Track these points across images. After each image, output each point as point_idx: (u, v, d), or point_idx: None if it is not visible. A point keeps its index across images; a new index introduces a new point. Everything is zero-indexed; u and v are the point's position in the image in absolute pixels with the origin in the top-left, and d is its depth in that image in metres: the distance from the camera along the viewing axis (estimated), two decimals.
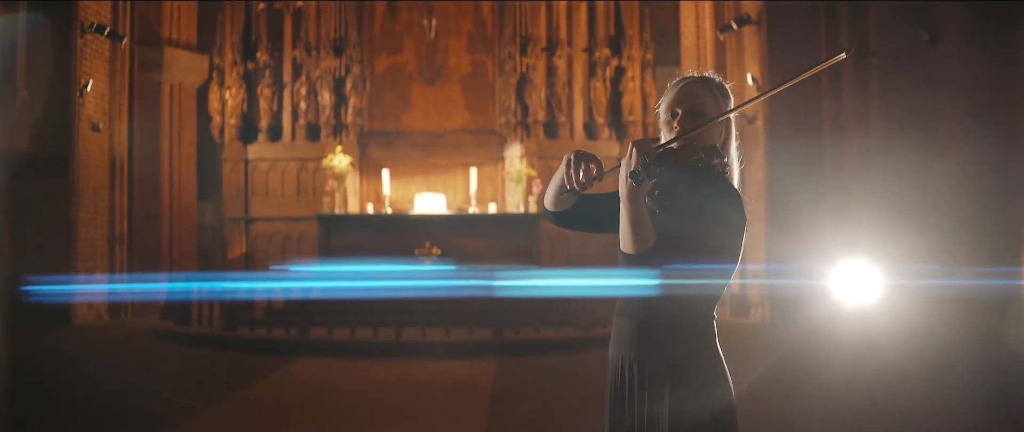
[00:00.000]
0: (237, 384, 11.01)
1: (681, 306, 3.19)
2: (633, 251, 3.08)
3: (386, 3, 20.98)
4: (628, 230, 3.06)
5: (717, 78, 3.41)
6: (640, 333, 3.23)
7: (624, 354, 3.27)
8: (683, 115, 3.29)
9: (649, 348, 3.20)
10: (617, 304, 3.34)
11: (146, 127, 20.83)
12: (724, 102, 3.35)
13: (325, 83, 20.09)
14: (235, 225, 20.39)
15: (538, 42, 20.12)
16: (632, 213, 3.03)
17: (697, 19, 19.70)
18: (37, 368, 11.84)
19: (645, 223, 3.04)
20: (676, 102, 3.33)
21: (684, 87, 3.34)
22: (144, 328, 15.77)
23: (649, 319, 3.22)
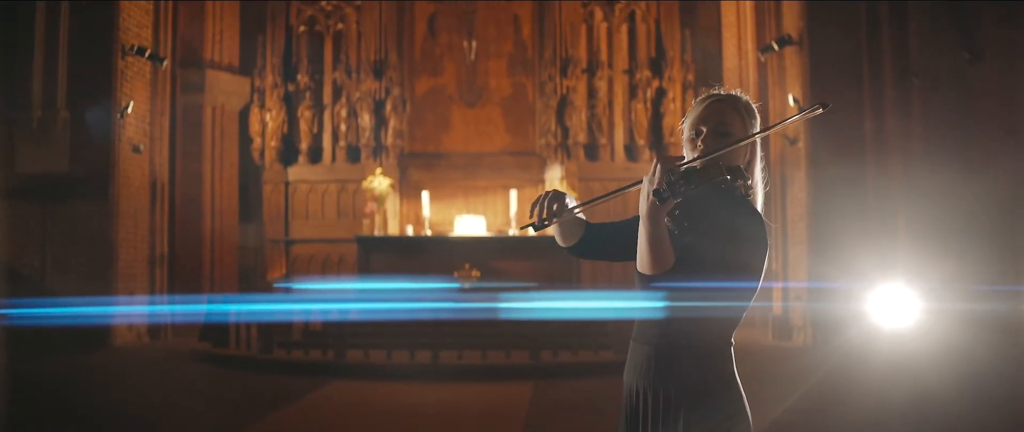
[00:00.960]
0: (270, 407, 10.95)
1: (698, 331, 3.08)
2: (651, 272, 2.96)
3: (426, 25, 20.97)
4: (646, 250, 2.94)
5: (744, 97, 3.33)
6: (655, 359, 3.13)
7: (638, 381, 3.17)
8: (708, 134, 3.20)
9: (663, 375, 3.10)
10: (634, 329, 3.24)
11: (188, 149, 20.93)
12: (750, 121, 3.26)
13: (365, 105, 20.08)
14: (275, 247, 20.39)
15: (579, 64, 20.04)
16: (651, 233, 2.91)
17: (739, 40, 19.59)
18: (73, 389, 11.84)
19: (664, 244, 2.93)
20: (701, 120, 3.24)
21: (709, 105, 3.26)
22: (183, 350, 15.78)
23: (665, 345, 3.12)
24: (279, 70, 20.46)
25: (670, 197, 2.86)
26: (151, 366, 14.39)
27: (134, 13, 17.18)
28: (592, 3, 20.40)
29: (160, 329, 17.83)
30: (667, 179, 2.86)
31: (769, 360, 14.40)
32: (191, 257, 20.75)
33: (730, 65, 20.08)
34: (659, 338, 3.13)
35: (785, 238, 16.92)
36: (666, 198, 2.86)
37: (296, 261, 20.16)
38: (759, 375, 12.83)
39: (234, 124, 21.94)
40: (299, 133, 20.45)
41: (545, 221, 3.22)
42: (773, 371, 13.15)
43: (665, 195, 2.86)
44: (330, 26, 20.69)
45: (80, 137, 16.32)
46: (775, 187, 17.48)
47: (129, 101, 16.61)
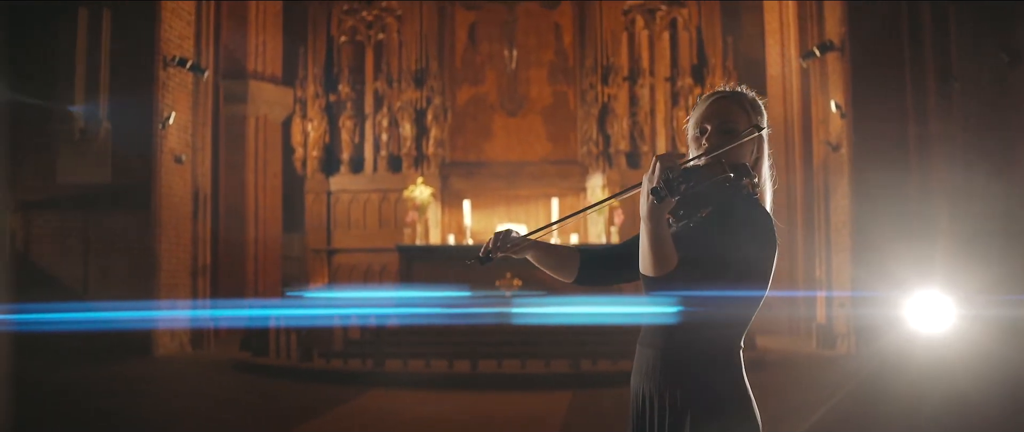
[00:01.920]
0: (306, 416, 10.91)
1: (705, 335, 2.98)
2: (654, 273, 2.85)
3: (467, 34, 20.96)
4: (648, 251, 2.83)
5: (750, 93, 3.20)
6: (661, 364, 3.02)
7: (645, 386, 3.07)
8: (712, 131, 3.10)
9: (670, 380, 3.00)
10: (640, 333, 3.14)
11: (231, 159, 21.06)
12: (756, 118, 3.15)
13: (406, 115, 20.10)
14: (317, 256, 20.44)
15: (620, 72, 19.94)
16: (653, 232, 2.81)
17: (782, 47, 19.44)
18: (109, 398, 11.88)
19: (666, 243, 2.81)
20: (705, 118, 3.14)
21: (714, 102, 3.15)
22: (224, 359, 15.82)
23: (671, 349, 3.01)
24: (320, 80, 20.52)
25: (668, 196, 2.75)
26: (190, 375, 14.42)
27: (176, 25, 17.28)
28: (633, 11, 20.31)
29: (203, 338, 17.89)
30: (665, 177, 2.75)
31: (806, 368, 14.24)
32: (235, 267, 20.85)
33: (773, 72, 19.92)
34: (665, 341, 3.03)
35: (828, 245, 16.72)
36: (664, 197, 2.75)
37: (338, 271, 20.19)
38: (794, 383, 12.69)
39: (277, 135, 22.05)
40: (341, 143, 20.50)
41: (490, 255, 3.19)
42: (808, 379, 13.01)
43: (663, 194, 2.75)
44: (371, 36, 20.74)
45: (122, 148, 16.41)
46: (818, 194, 17.30)
47: (170, 112, 16.69)
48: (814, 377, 13.24)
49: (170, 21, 17.06)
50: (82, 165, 16.34)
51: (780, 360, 14.95)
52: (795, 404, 10.45)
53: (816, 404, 9.92)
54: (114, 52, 16.40)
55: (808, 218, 18.01)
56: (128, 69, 16.45)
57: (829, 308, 16.65)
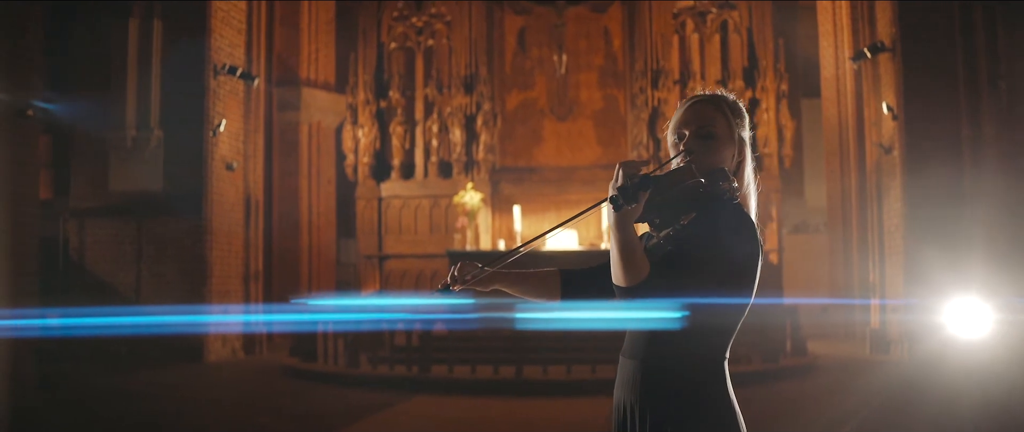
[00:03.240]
0: (348, 421, 10.94)
1: (686, 345, 2.91)
2: (624, 283, 2.79)
3: (516, 40, 20.95)
4: (617, 260, 2.77)
5: (730, 96, 3.16)
6: (642, 375, 2.97)
7: (625, 397, 3.02)
8: (690, 136, 3.06)
9: (650, 392, 2.94)
10: (624, 343, 3.09)
11: (285, 166, 21.20)
12: (736, 121, 3.10)
13: (456, 120, 20.09)
14: (369, 262, 20.49)
15: (670, 75, 19.79)
16: (620, 241, 2.74)
17: (836, 49, 19.23)
18: (154, 403, 11.98)
19: (635, 252, 2.75)
20: (683, 122, 3.11)
21: (692, 106, 3.12)
22: (274, 364, 15.91)
23: (652, 359, 2.96)
24: (371, 87, 20.57)
25: (624, 204, 2.69)
26: (238, 381, 14.53)
27: (226, 33, 17.42)
28: (684, 13, 20.16)
29: (255, 344, 18.00)
30: (622, 185, 2.69)
31: (854, 373, 14.06)
32: (289, 273, 20.97)
33: (827, 74, 19.71)
34: (645, 352, 2.98)
35: (882, 249, 16.51)
36: (621, 206, 2.69)
37: (389, 276, 20.23)
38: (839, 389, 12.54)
39: (330, 141, 22.17)
40: (391, 149, 20.53)
41: (450, 287, 3.15)
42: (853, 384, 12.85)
43: (619, 202, 2.69)
44: (421, 42, 20.77)
45: (173, 156, 16.58)
46: (871, 198, 17.08)
47: (221, 119, 16.83)
48: (859, 383, 13.08)
49: (220, 30, 17.21)
50: (134, 173, 16.55)
51: (830, 365, 14.81)
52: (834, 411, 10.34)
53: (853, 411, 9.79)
54: (165, 61, 16.59)
55: (862, 222, 17.79)
56: (179, 78, 16.63)
57: (882, 313, 16.44)
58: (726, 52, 20.10)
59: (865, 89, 17.19)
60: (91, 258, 16.65)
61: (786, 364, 14.55)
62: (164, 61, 16.59)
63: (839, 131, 19.01)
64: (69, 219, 16.91)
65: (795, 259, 21.53)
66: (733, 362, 10.26)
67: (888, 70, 15.83)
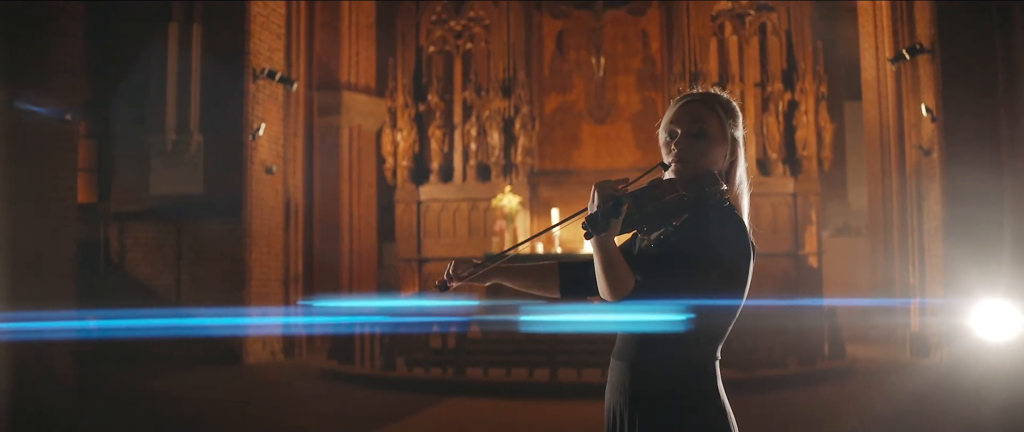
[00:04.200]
0: (380, 424, 10.98)
1: (675, 348, 2.88)
2: (611, 299, 2.81)
3: (554, 43, 20.95)
4: (601, 279, 2.79)
5: (723, 95, 3.13)
6: (631, 376, 2.95)
7: (616, 401, 3.00)
8: (682, 135, 3.03)
9: (639, 394, 2.93)
10: (615, 344, 3.08)
11: (326, 170, 21.30)
12: (730, 121, 3.07)
13: (494, 123, 20.10)
14: (408, 265, 20.55)
15: (709, 78, 19.67)
16: (602, 260, 2.76)
17: (877, 50, 19.07)
18: (189, 406, 12.07)
19: (617, 270, 2.76)
20: (675, 121, 3.07)
21: (684, 105, 3.08)
22: (312, 367, 15.99)
23: (641, 361, 2.94)
24: (410, 91, 20.63)
25: (594, 233, 2.68)
26: (275, 383, 14.60)
27: (265, 37, 17.54)
28: (722, 16, 20.05)
29: (294, 346, 18.09)
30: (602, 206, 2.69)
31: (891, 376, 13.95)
32: (330, 276, 21.06)
33: (868, 76, 19.55)
34: (635, 354, 2.96)
35: (922, 252, 16.37)
36: (591, 235, 2.69)
37: (428, 280, 20.26)
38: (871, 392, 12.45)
39: (371, 145, 22.26)
40: (430, 152, 20.58)
41: (448, 284, 3.15)
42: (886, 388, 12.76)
43: (590, 232, 2.68)
44: (459, 46, 20.80)
45: (213, 159, 16.71)
46: (911, 200, 16.94)
47: (260, 123, 16.94)
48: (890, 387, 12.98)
49: (260, 34, 17.33)
50: (174, 176, 16.69)
51: (868, 369, 14.71)
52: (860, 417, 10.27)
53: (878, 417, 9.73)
54: (204, 66, 16.71)
55: (902, 224, 17.65)
56: (218, 82, 16.74)
57: (922, 316, 16.30)
58: (765, 54, 19.96)
59: (904, 91, 17.05)
60: (132, 261, 16.82)
61: (823, 367, 14.46)
62: (203, 65, 16.71)
63: (880, 133, 18.85)
64: (110, 222, 17.08)
65: (837, 262, 21.38)
66: (768, 365, 10.25)
67: (927, 72, 15.69)
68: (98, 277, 16.80)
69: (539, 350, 13.94)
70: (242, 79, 16.84)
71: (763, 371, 13.78)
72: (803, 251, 19.18)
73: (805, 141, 19.36)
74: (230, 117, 16.75)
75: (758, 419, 11.27)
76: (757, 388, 12.92)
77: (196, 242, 16.69)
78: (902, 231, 17.62)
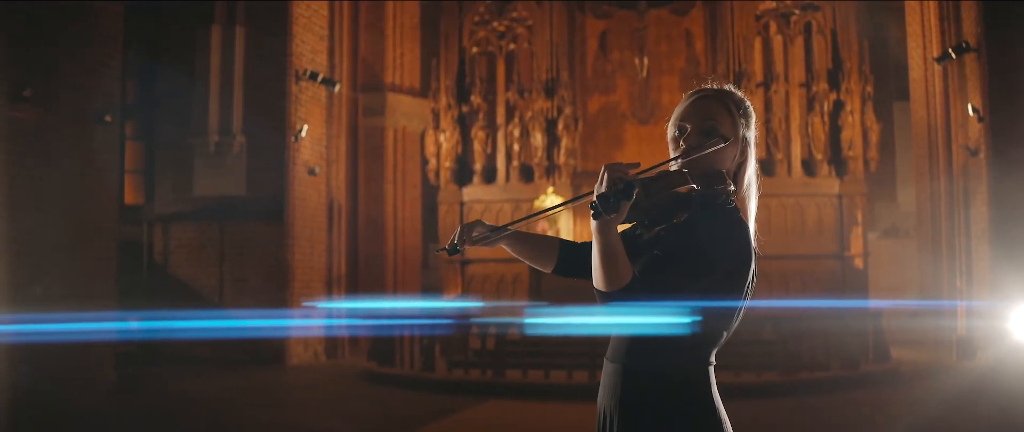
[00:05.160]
0: (415, 426, 10.96)
1: (670, 350, 2.79)
2: (605, 288, 2.67)
3: (598, 43, 20.86)
4: (598, 265, 2.66)
5: (737, 93, 3.04)
6: (623, 379, 2.86)
7: (606, 404, 2.91)
8: (692, 132, 2.95)
9: (630, 398, 2.84)
10: (609, 346, 3.01)
11: (370, 171, 21.34)
12: (742, 120, 2.98)
13: (537, 124, 20.02)
14: (451, 266, 20.52)
15: (753, 77, 19.49)
16: (601, 246, 2.64)
17: (924, 49, 18.80)
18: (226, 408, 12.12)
19: (617, 258, 2.64)
20: (685, 117, 3.00)
21: (694, 101, 3.00)
22: (353, 368, 16.02)
23: (632, 364, 2.85)
24: (453, 92, 20.59)
25: (604, 214, 2.60)
26: (314, 384, 14.62)
27: (308, 39, 17.60)
28: (767, 15, 19.85)
29: (337, 347, 18.14)
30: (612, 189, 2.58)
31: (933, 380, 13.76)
32: (374, 277, 21.11)
33: (916, 75, 19.30)
34: (626, 357, 2.88)
35: (969, 254, 16.14)
36: (600, 214, 2.60)
37: (472, 281, 20.24)
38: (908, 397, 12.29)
39: (416, 146, 22.28)
40: (473, 153, 20.53)
41: (457, 247, 3.08)
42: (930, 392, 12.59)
43: (599, 211, 2.60)
44: (502, 46, 20.75)
45: (256, 160, 16.80)
46: (958, 201, 16.72)
47: (303, 125, 17.00)
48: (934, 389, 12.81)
49: (302, 36, 17.40)
50: (217, 178, 16.79)
51: (912, 372, 14.52)
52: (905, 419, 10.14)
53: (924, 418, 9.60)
54: (247, 68, 16.82)
55: (950, 226, 17.41)
56: (261, 84, 16.86)
57: (968, 319, 16.07)
58: (810, 54, 19.75)
59: (951, 91, 16.83)
60: (175, 262, 16.94)
61: (866, 370, 14.29)
62: (246, 67, 16.82)
63: (927, 134, 18.60)
64: (154, 224, 17.21)
65: (885, 263, 21.17)
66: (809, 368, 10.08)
67: (973, 71, 15.46)
68: (142, 278, 16.94)
69: (578, 352, 13.87)
70: (284, 81, 16.93)
71: (804, 374, 13.63)
72: (849, 252, 18.96)
73: (851, 141, 19.14)
74: (273, 118, 16.84)
75: (796, 422, 11.17)
76: (798, 391, 12.81)
77: (239, 243, 16.78)
78: (949, 233, 17.38)
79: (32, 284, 10.40)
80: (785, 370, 13.63)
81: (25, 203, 10.95)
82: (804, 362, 14.07)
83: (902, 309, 19.25)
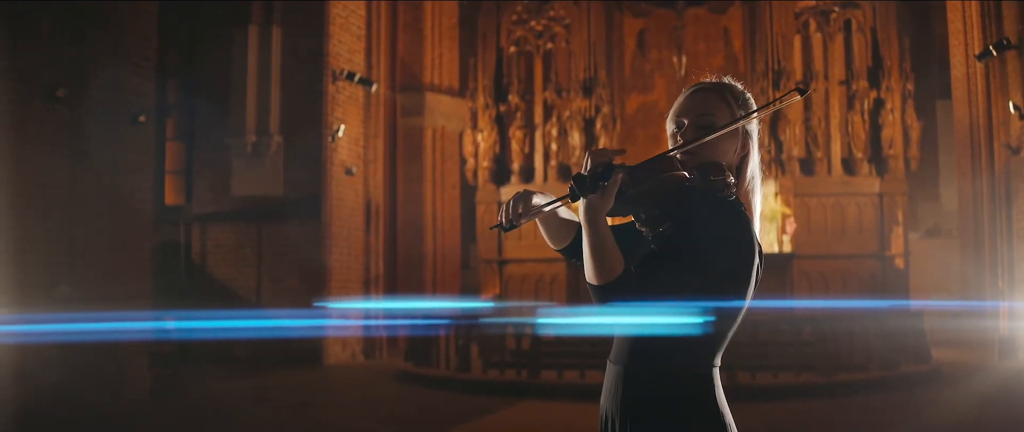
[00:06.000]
0: (447, 429, 10.94)
1: (670, 352, 2.73)
2: (596, 282, 2.62)
3: (635, 42, 20.76)
4: (588, 256, 2.61)
5: (737, 86, 2.94)
6: (624, 381, 2.81)
7: (608, 407, 2.86)
8: (689, 126, 2.86)
9: (632, 400, 2.78)
10: (612, 347, 2.94)
11: (409, 172, 21.36)
12: (741, 111, 2.87)
13: (575, 124, 19.92)
14: (489, 266, 20.47)
15: (792, 76, 19.29)
16: (588, 236, 2.59)
17: (966, 47, 18.54)
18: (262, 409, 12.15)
19: (607, 250, 2.58)
20: (683, 111, 2.90)
21: (693, 94, 2.91)
22: (390, 369, 16.02)
23: (634, 365, 2.79)
24: (490, 91, 20.53)
25: (580, 194, 2.54)
26: (349, 385, 14.64)
27: (345, 39, 17.63)
28: (806, 13, 19.65)
29: (375, 348, 18.14)
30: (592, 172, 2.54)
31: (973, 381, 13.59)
32: (414, 277, 21.13)
33: (957, 73, 19.04)
34: (628, 358, 2.82)
35: (1011, 254, 15.91)
36: (577, 195, 2.55)
37: (509, 281, 20.17)
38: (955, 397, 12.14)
39: (454, 146, 22.27)
40: (511, 153, 20.46)
41: (512, 223, 2.90)
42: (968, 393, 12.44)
43: (575, 192, 2.55)
44: (540, 46, 20.68)
45: (292, 161, 16.84)
46: (1000, 201, 16.50)
47: (340, 125, 17.03)
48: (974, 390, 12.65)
49: (339, 36, 17.43)
50: (255, 178, 16.84)
51: (953, 373, 14.34)
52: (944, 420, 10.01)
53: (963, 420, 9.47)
54: (284, 68, 16.87)
55: (992, 226, 17.17)
56: (297, 84, 16.91)
57: (1011, 319, 15.85)
58: (850, 52, 19.53)
59: (993, 88, 16.59)
60: (213, 263, 17.02)
61: (906, 371, 14.11)
62: (283, 67, 16.88)
63: (970, 132, 18.35)
64: (191, 224, 17.30)
65: (927, 263, 20.94)
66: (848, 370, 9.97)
67: (1015, 68, 15.24)
68: (179, 278, 17.02)
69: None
70: (321, 81, 16.97)
71: (843, 375, 13.47)
72: (889, 252, 18.75)
73: (891, 140, 18.92)
74: (309, 118, 16.90)
75: (835, 423, 11.05)
76: (837, 392, 12.68)
77: (276, 243, 16.83)
78: (991, 233, 17.15)
79: (58, 285, 10.43)
80: (824, 371, 13.48)
81: (59, 204, 11.00)
82: (843, 363, 13.92)
83: (943, 309, 19.03)
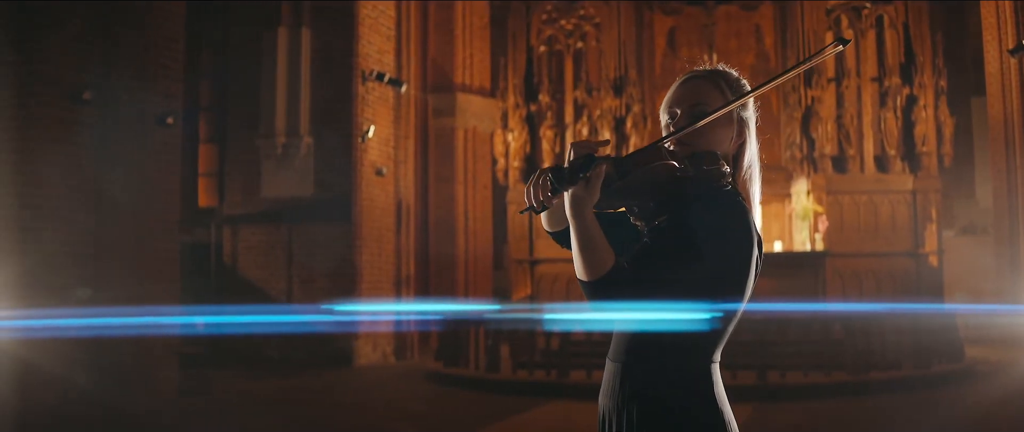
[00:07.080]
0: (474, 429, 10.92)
1: (668, 349, 2.65)
2: (587, 278, 2.55)
3: (666, 40, 20.69)
4: (575, 252, 2.55)
5: (732, 73, 2.83)
6: (622, 378, 2.72)
7: (606, 404, 2.78)
8: (682, 115, 2.76)
9: (629, 398, 2.69)
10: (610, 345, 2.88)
11: (440, 172, 21.37)
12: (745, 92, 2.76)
13: (606, 123, 19.87)
14: (520, 266, 20.45)
15: (824, 73, 19.18)
16: (575, 230, 2.53)
17: (1000, 42, 18.36)
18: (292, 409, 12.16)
19: (593, 243, 2.51)
20: (675, 100, 2.80)
21: (685, 82, 2.81)
22: (420, 368, 16.02)
23: (632, 362, 2.71)
24: (521, 91, 20.51)
25: (559, 187, 2.47)
26: (379, 385, 14.64)
27: (374, 40, 17.63)
28: (837, 10, 19.51)
29: (405, 348, 18.13)
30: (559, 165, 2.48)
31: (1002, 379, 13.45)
32: (445, 278, 21.13)
33: (992, 69, 18.86)
34: (626, 355, 2.73)
35: None
36: (557, 189, 2.49)
37: (541, 281, 20.14)
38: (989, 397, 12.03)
39: (486, 146, 22.24)
40: (541, 153, 20.42)
41: (544, 204, 2.63)
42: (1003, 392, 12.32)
43: (555, 185, 2.48)
44: (570, 45, 20.65)
45: (323, 161, 16.88)
46: None
47: (370, 125, 17.04)
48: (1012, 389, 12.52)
49: (369, 37, 17.44)
50: (285, 179, 16.90)
51: (986, 372, 14.21)
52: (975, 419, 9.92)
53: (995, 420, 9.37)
54: (313, 69, 16.91)
55: None
56: (327, 85, 16.94)
57: None
58: (882, 48, 19.38)
59: None
60: (244, 263, 17.07)
61: (939, 370, 13.98)
62: (312, 68, 16.92)
63: (1004, 129, 18.18)
64: (222, 225, 17.37)
65: (961, 261, 20.72)
66: (881, 368, 9.87)
67: None
68: (210, 280, 17.10)
69: None
70: (351, 81, 16.99)
71: (875, 374, 13.37)
72: (923, 250, 18.59)
73: (924, 137, 18.77)
74: (339, 119, 16.92)
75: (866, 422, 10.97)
76: (869, 391, 12.58)
77: (306, 244, 16.86)
78: None
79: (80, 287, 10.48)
80: (855, 370, 13.37)
81: (86, 206, 11.06)
82: (875, 361, 13.82)
83: (978, 308, 18.84)
